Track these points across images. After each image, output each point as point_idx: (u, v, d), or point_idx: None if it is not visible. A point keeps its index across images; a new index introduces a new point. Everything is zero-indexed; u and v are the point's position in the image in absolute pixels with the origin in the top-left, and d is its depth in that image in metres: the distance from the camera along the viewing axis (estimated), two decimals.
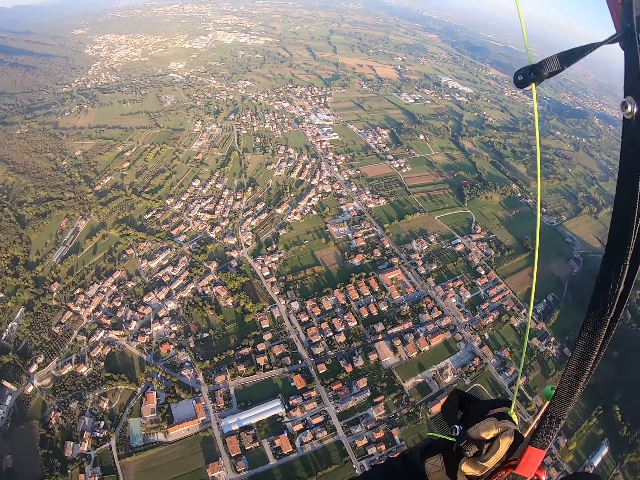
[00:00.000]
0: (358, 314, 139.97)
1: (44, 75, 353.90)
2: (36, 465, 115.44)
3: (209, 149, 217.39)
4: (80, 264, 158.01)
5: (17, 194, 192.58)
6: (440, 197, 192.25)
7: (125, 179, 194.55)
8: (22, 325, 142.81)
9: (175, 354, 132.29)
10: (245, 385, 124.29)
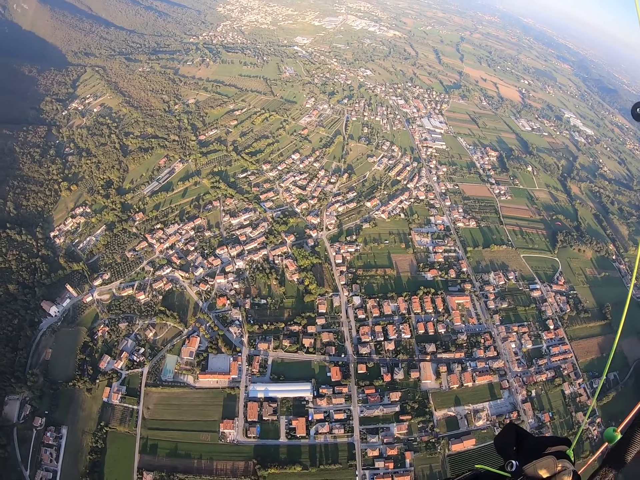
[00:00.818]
0: (414, 328, 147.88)
1: (174, 23, 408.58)
2: (71, 366, 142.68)
3: (316, 127, 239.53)
4: (168, 202, 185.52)
5: (127, 125, 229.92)
6: (532, 236, 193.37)
7: (230, 135, 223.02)
8: (99, 242, 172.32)
9: (229, 310, 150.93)
10: (284, 360, 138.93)
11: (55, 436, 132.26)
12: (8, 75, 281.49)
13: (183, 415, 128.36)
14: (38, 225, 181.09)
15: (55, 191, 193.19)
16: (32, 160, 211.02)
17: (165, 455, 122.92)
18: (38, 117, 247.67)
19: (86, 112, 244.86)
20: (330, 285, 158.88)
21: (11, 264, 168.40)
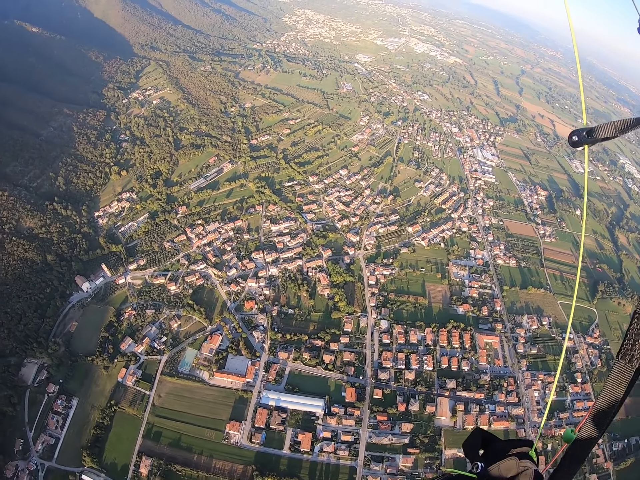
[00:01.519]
0: (438, 361, 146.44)
1: (240, 28, 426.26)
2: (93, 342, 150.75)
3: (367, 146, 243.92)
4: (212, 200, 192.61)
5: (182, 121, 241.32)
6: (572, 283, 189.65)
7: (281, 143, 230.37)
8: (140, 229, 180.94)
9: (255, 314, 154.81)
10: (301, 372, 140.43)
11: (65, 405, 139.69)
12: (75, 58, 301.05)
13: (192, 409, 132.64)
14: (84, 203, 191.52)
15: (105, 174, 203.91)
16: (88, 141, 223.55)
17: (167, 445, 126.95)
18: (99, 101, 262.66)
19: (145, 103, 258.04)
20: (360, 306, 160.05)
21: (53, 235, 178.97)
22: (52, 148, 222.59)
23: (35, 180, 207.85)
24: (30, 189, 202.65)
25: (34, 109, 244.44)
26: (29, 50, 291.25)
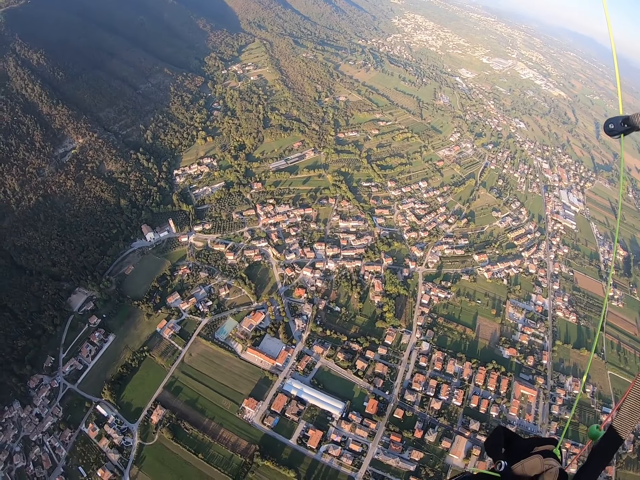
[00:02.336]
0: (468, 398, 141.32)
1: (347, 22, 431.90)
2: (143, 288, 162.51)
3: (452, 163, 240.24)
4: (287, 183, 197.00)
5: (275, 101, 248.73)
6: (628, 356, 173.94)
7: (367, 143, 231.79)
8: (213, 195, 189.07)
9: (302, 303, 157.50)
10: (331, 371, 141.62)
11: (101, 338, 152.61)
12: (184, 23, 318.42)
13: (217, 375, 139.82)
14: (167, 159, 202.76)
15: (192, 136, 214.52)
16: (182, 103, 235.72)
17: (184, 401, 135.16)
18: (199, 68, 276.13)
19: (243, 77, 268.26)
20: (406, 321, 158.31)
21: (130, 182, 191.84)
22: (146, 102, 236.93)
23: (125, 129, 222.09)
24: (119, 135, 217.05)
25: (137, 63, 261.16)
26: (140, 9, 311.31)
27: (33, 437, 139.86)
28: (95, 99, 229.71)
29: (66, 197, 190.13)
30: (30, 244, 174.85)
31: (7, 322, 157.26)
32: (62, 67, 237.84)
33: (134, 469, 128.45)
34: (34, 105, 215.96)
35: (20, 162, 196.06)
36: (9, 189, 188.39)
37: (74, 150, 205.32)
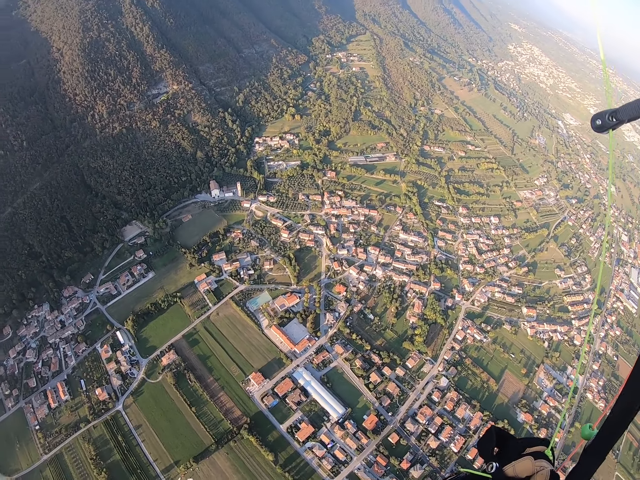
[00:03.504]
0: (466, 449, 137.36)
1: (462, 36, 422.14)
2: (194, 239, 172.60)
3: (530, 207, 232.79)
4: (360, 180, 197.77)
5: (371, 97, 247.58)
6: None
7: (450, 162, 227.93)
8: (286, 171, 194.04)
9: (339, 300, 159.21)
10: (344, 375, 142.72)
11: (141, 272, 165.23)
12: (299, 0, 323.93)
13: (235, 341, 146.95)
14: (251, 126, 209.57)
15: (281, 110, 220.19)
16: (280, 76, 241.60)
17: (196, 354, 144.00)
18: (305, 46, 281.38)
19: (345, 66, 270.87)
20: (434, 351, 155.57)
21: (211, 138, 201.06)
22: (246, 67, 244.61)
23: (220, 87, 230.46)
24: (212, 91, 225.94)
25: (246, 28, 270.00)
26: None
27: (50, 340, 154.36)
28: (198, 52, 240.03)
29: (148, 135, 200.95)
30: (103, 169, 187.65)
31: (62, 232, 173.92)
32: (174, 14, 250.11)
33: (129, 399, 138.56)
34: (139, 44, 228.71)
35: (114, 93, 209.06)
36: (97, 114, 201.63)
37: (167, 94, 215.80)
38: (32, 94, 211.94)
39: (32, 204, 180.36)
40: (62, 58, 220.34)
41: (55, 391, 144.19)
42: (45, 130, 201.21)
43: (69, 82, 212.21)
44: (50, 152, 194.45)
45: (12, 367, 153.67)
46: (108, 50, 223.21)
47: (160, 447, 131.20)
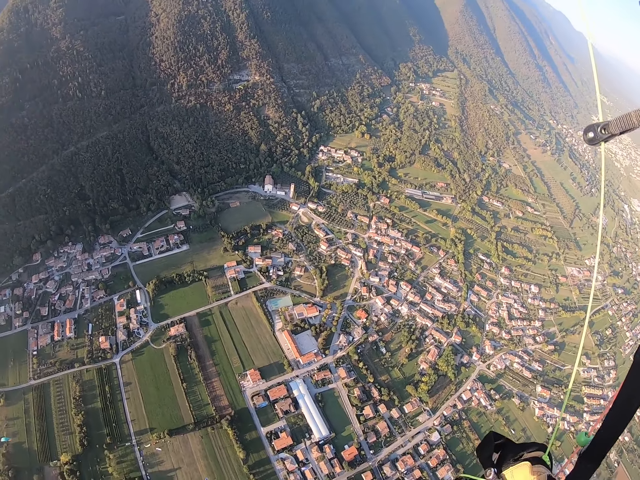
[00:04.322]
0: None
1: (548, 95, 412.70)
2: (234, 227, 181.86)
3: (573, 285, 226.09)
4: (411, 214, 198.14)
5: (442, 134, 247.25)
6: None
7: (505, 220, 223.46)
8: (342, 186, 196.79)
9: (357, 325, 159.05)
10: (338, 399, 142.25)
11: (176, 242, 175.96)
12: (397, 23, 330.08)
13: (245, 334, 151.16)
14: (320, 133, 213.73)
15: (352, 126, 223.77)
16: (360, 92, 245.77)
17: (204, 335, 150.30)
18: (391, 69, 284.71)
19: (425, 98, 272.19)
20: (435, 403, 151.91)
21: (279, 135, 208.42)
22: (329, 75, 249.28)
23: (299, 89, 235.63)
24: (290, 91, 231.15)
25: (338, 38, 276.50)
26: None
27: (73, 278, 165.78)
28: (287, 50, 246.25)
29: (219, 116, 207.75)
30: (169, 136, 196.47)
31: (115, 183, 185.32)
32: (272, 9, 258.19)
33: (128, 356, 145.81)
34: (232, 28, 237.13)
35: (198, 69, 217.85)
36: (177, 84, 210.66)
37: (247, 82, 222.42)
38: (122, 49, 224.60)
39: (94, 150, 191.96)
40: (158, 23, 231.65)
41: (62, 325, 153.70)
42: (125, 86, 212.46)
43: (159, 47, 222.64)
44: (125, 107, 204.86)
45: (31, 291, 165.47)
46: (202, 27, 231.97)
47: (142, 409, 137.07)
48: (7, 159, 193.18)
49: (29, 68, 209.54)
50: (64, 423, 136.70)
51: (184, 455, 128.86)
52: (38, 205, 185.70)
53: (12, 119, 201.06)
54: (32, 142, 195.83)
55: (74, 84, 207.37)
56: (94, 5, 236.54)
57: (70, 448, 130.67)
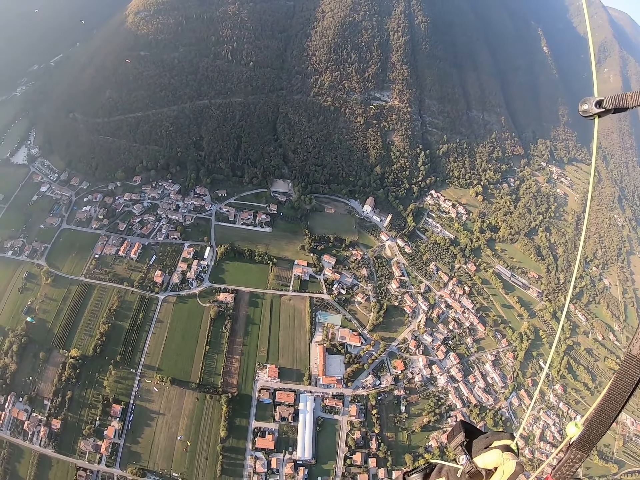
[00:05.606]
0: None
1: None
2: (320, 231, 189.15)
3: (619, 434, 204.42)
4: (491, 291, 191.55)
5: (554, 225, 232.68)
6: None
7: (582, 336, 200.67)
8: (437, 235, 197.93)
9: (389, 374, 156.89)
10: (337, 433, 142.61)
11: (261, 221, 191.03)
12: (548, 97, 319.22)
13: (283, 330, 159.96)
14: (436, 177, 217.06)
15: (470, 182, 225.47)
16: (489, 152, 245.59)
17: (247, 313, 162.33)
18: (527, 141, 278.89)
19: (551, 182, 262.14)
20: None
21: (397, 163, 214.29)
22: (465, 125, 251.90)
23: (431, 127, 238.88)
24: (423, 126, 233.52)
25: (486, 92, 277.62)
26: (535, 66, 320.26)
27: (159, 211, 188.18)
28: (433, 86, 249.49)
29: (348, 125, 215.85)
30: (295, 125, 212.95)
31: (230, 147, 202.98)
32: (432, 42, 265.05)
33: (172, 298, 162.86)
34: (388, 48, 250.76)
35: (344, 74, 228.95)
36: (320, 81, 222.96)
37: (385, 103, 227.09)
38: (281, 32, 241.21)
39: (224, 110, 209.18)
40: (322, 20, 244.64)
41: (131, 245, 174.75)
42: (273, 66, 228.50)
43: (315, 42, 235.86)
44: (265, 83, 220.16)
45: (118, 205, 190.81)
46: (361, 37, 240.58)
47: (160, 349, 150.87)
48: (146, 86, 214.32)
49: (194, 18, 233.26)
50: (89, 325, 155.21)
51: (173, 406, 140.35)
52: (157, 137, 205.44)
53: (164, 55, 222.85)
54: (174, 82, 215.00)
55: (229, 47, 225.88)
56: None
57: (83, 347, 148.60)
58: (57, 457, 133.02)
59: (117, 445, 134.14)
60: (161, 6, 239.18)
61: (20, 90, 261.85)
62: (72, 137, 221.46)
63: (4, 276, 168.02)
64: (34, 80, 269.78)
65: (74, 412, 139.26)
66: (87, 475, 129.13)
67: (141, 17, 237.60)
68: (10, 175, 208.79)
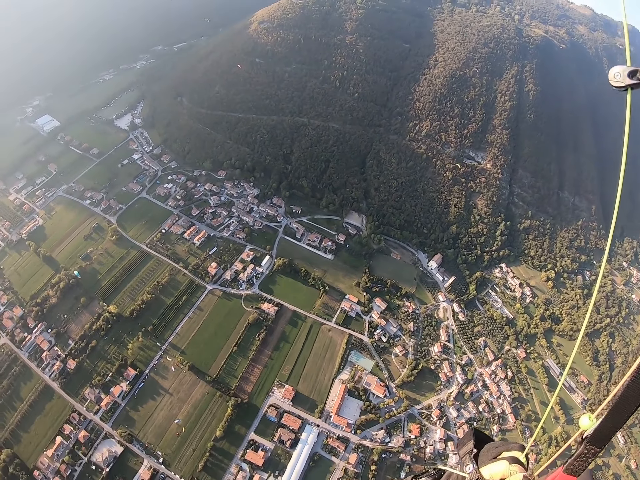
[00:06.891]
0: None
1: None
2: (382, 274, 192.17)
3: None
4: (536, 386, 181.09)
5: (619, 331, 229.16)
6: None
7: (613, 459, 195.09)
8: (494, 310, 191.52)
9: (402, 436, 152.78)
10: (330, 475, 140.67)
11: (325, 247, 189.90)
12: None
13: (313, 357, 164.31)
14: (509, 251, 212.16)
15: (544, 266, 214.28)
16: (571, 239, 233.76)
17: (283, 330, 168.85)
18: (614, 236, 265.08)
19: (628, 285, 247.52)
20: None
21: (474, 227, 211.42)
22: (554, 205, 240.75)
23: (519, 199, 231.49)
24: (510, 196, 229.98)
25: (584, 177, 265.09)
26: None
27: (233, 209, 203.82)
28: (529, 158, 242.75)
29: (435, 177, 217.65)
30: (384, 164, 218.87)
31: (316, 168, 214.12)
32: (537, 113, 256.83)
33: (218, 292, 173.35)
34: (493, 110, 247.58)
35: (442, 125, 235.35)
36: (418, 127, 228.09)
37: (477, 164, 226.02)
38: (392, 71, 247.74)
39: (319, 131, 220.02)
40: (433, 68, 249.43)
41: (197, 232, 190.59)
42: (377, 102, 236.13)
43: (422, 88, 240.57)
44: (366, 117, 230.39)
45: (198, 192, 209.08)
46: (468, 93, 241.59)
47: (190, 334, 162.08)
48: (253, 91, 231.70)
49: (312, 40, 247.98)
50: (135, 289, 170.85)
51: (182, 390, 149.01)
52: (251, 140, 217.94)
53: (277, 67, 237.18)
54: (279, 94, 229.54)
55: (339, 74, 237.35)
56: (390, 24, 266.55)
57: (122, 307, 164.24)
58: (60, 393, 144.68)
59: (117, 405, 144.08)
60: (284, 21, 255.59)
61: (140, 64, 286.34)
62: (174, 119, 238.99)
63: (76, 220, 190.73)
64: (155, 58, 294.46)
65: (92, 360, 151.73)
66: (79, 420, 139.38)
67: (264, 27, 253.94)
68: (111, 136, 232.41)
